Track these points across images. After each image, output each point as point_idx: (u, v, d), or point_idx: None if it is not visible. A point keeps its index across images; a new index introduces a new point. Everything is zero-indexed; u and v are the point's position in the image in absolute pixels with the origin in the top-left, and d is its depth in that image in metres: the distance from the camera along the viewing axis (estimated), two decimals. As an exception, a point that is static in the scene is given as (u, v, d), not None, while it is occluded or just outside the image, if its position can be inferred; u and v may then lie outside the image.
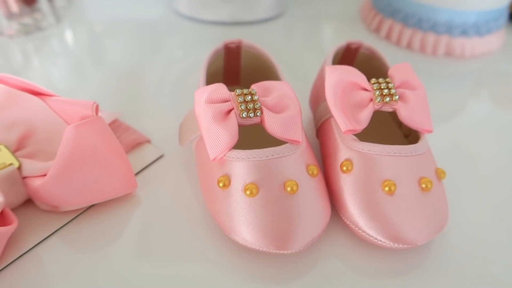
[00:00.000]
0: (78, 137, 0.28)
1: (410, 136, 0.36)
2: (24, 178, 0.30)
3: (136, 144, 0.38)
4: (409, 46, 0.55)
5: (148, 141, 0.39)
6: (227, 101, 0.30)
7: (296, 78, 0.49)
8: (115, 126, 0.39)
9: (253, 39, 0.56)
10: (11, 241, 0.29)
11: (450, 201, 0.33)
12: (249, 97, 0.29)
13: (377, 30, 0.58)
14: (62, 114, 0.31)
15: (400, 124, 0.37)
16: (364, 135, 0.34)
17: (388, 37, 0.57)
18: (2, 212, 0.28)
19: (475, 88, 0.50)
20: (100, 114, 0.35)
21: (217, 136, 0.29)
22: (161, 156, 0.37)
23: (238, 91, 0.30)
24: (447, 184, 0.34)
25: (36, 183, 0.29)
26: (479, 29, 0.52)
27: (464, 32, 0.52)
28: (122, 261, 0.29)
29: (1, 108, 0.32)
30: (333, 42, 0.59)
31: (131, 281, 0.28)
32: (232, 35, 0.57)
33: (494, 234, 0.32)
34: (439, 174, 0.31)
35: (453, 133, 0.43)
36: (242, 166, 0.28)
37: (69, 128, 0.28)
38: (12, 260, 0.29)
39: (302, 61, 0.54)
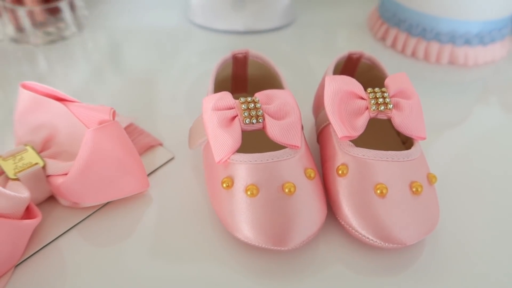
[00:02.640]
0: (96, 140, 0.31)
1: (407, 142, 0.38)
2: (48, 176, 0.33)
3: (149, 146, 0.41)
4: (413, 54, 0.57)
5: (160, 144, 0.41)
6: (232, 108, 0.32)
7: (305, 84, 0.51)
8: (130, 129, 0.42)
9: (264, 47, 0.59)
10: (34, 233, 0.32)
11: (448, 205, 0.35)
12: (252, 104, 0.32)
13: (383, 38, 0.60)
14: (82, 119, 0.34)
15: (398, 131, 0.39)
16: (364, 141, 0.36)
17: (393, 45, 0.58)
18: (28, 206, 0.31)
19: (478, 96, 0.52)
20: (116, 118, 0.38)
21: (222, 141, 0.31)
22: (172, 159, 0.40)
23: (242, 99, 0.32)
24: (447, 189, 0.36)
25: (58, 181, 0.32)
26: (482, 38, 0.54)
27: (468, 42, 0.54)
28: (134, 255, 0.32)
29: (28, 112, 0.35)
30: (342, 49, 0.60)
31: (142, 274, 0.31)
32: (244, 44, 0.60)
33: (485, 236, 0.34)
34: (431, 178, 0.32)
35: (456, 140, 0.44)
36: (244, 168, 0.31)
37: (88, 132, 0.30)
38: (35, 251, 0.32)
39: (311, 68, 0.56)
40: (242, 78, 0.43)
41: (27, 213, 0.31)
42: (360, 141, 0.36)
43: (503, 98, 0.51)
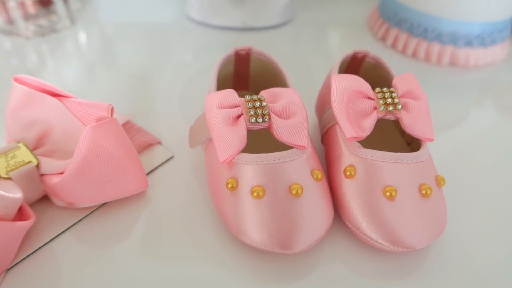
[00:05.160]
0: (94, 137, 0.29)
1: (412, 143, 0.37)
2: (41, 175, 0.31)
3: (147, 145, 0.39)
4: (414, 55, 0.56)
5: (159, 143, 0.40)
6: (237, 106, 0.31)
7: (303, 84, 0.50)
8: (128, 127, 0.41)
9: (262, 45, 0.57)
10: (27, 235, 0.31)
11: (451, 207, 0.35)
12: (258, 103, 0.31)
13: (383, 38, 0.60)
14: (78, 115, 0.32)
15: (403, 132, 0.39)
16: (368, 142, 0.35)
17: (394, 45, 0.58)
18: (20, 207, 0.30)
19: (478, 98, 0.51)
20: (114, 115, 0.36)
21: (227, 140, 0.30)
22: (171, 158, 0.39)
23: (248, 97, 0.31)
24: (449, 190, 0.35)
25: (53, 180, 0.31)
26: (483, 40, 0.54)
27: (469, 43, 0.53)
28: (130, 258, 0.31)
29: (21, 108, 0.33)
30: (340, 49, 0.60)
31: (139, 278, 0.29)
32: (241, 41, 0.59)
33: (493, 240, 0.33)
34: (439, 181, 0.32)
35: (456, 141, 0.44)
36: (249, 169, 0.30)
37: (86, 129, 0.29)
38: (28, 254, 0.30)
39: (309, 67, 0.55)
40: (244, 75, 0.42)
41: (20, 214, 0.30)
42: (364, 142, 0.35)
43: (503, 99, 0.51)
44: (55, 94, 0.34)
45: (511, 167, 0.41)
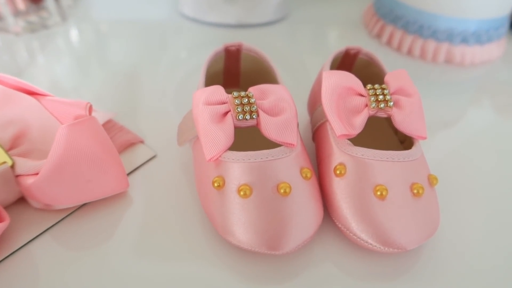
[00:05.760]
0: (70, 136, 0.28)
1: (405, 142, 0.36)
2: (17, 176, 0.30)
3: (129, 144, 0.38)
4: (409, 52, 0.56)
5: (141, 142, 0.39)
6: (224, 103, 0.30)
7: (298, 81, 0.50)
8: (109, 126, 0.39)
9: (256, 41, 0.57)
10: (2, 238, 0.30)
11: (445, 207, 0.34)
12: (246, 99, 0.30)
13: (378, 35, 0.59)
14: (56, 114, 0.31)
15: (396, 130, 0.38)
16: (360, 140, 0.35)
17: (389, 43, 0.57)
18: None
19: (474, 96, 0.51)
20: (94, 114, 0.35)
21: (213, 137, 0.29)
22: (154, 157, 0.38)
23: (235, 93, 0.30)
24: (444, 190, 0.35)
25: (28, 181, 0.29)
26: (479, 37, 0.53)
27: (465, 40, 0.53)
28: (113, 260, 0.30)
29: None
30: (335, 46, 0.59)
31: (122, 280, 0.29)
32: (236, 38, 0.58)
33: (485, 240, 0.33)
34: (432, 180, 0.31)
35: (451, 140, 0.43)
36: (236, 167, 0.29)
37: (61, 128, 0.28)
38: (3, 257, 0.29)
39: (304, 65, 0.54)
40: (234, 72, 0.41)
41: None
42: (356, 140, 0.35)
43: (498, 98, 0.50)
44: (32, 93, 0.33)
45: (506, 167, 0.40)
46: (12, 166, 0.30)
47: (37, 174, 0.29)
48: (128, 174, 0.36)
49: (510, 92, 0.52)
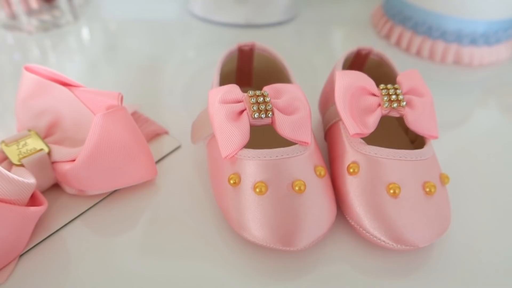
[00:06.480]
0: (105, 125, 0.29)
1: (416, 141, 0.37)
2: (53, 163, 0.32)
3: (154, 135, 0.39)
4: (418, 53, 0.56)
5: (166, 133, 0.40)
6: (240, 101, 0.31)
7: (306, 81, 0.50)
8: (135, 117, 0.41)
9: (265, 41, 0.57)
10: (39, 222, 0.31)
11: (454, 206, 0.34)
12: (261, 98, 0.30)
13: (387, 36, 0.59)
14: (88, 104, 0.32)
15: (406, 130, 0.38)
16: (371, 139, 0.35)
17: (398, 43, 0.58)
18: (32, 194, 0.30)
19: (482, 97, 0.51)
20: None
21: (229, 135, 0.30)
22: (178, 147, 0.39)
23: (251, 92, 0.31)
24: (453, 189, 0.35)
25: (65, 167, 0.31)
26: (488, 38, 0.53)
27: (473, 41, 0.53)
28: (136, 248, 0.31)
29: (31, 97, 0.34)
30: (344, 46, 0.60)
31: (144, 267, 0.30)
32: (244, 38, 0.58)
33: (496, 238, 0.33)
34: (443, 179, 0.32)
35: (460, 140, 0.43)
36: (252, 165, 0.29)
37: (97, 117, 0.29)
38: (40, 240, 0.30)
39: (312, 65, 0.55)
40: (247, 71, 0.42)
41: (32, 201, 0.30)
42: (368, 139, 0.35)
43: (507, 99, 0.51)
44: (64, 84, 0.34)
45: (514, 166, 0.41)
46: (49, 153, 0.31)
47: (72, 161, 0.31)
48: (156, 163, 0.37)
49: (518, 93, 0.52)
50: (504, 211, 0.36)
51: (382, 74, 0.40)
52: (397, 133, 0.39)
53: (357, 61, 0.41)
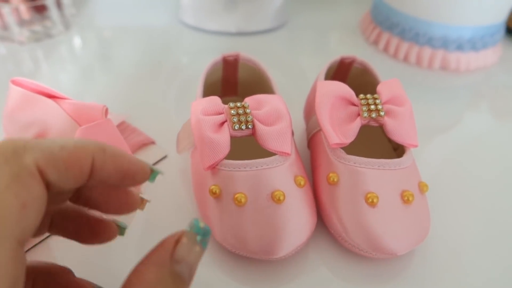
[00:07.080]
0: (88, 137, 0.30)
1: (398, 149, 0.37)
2: None
3: (141, 144, 0.40)
4: (406, 59, 0.56)
5: (153, 143, 0.41)
6: (221, 113, 0.31)
7: (296, 87, 0.51)
8: (123, 127, 0.42)
9: (256, 49, 0.58)
10: None
11: (439, 214, 0.35)
12: (242, 110, 0.31)
13: (375, 42, 0.60)
14: (74, 116, 0.33)
15: (390, 138, 0.39)
16: (355, 148, 0.36)
17: (386, 49, 0.58)
18: None
19: (470, 102, 0.52)
20: (109, 116, 0.37)
21: (210, 147, 0.30)
22: (164, 157, 0.40)
23: (232, 104, 0.31)
24: (438, 196, 0.35)
25: None
26: (474, 44, 0.54)
27: (460, 47, 0.54)
28: (120, 257, 0.31)
29: (18, 109, 0.34)
30: (334, 52, 0.60)
31: (126, 276, 0.30)
32: (235, 45, 0.59)
33: (477, 246, 0.34)
34: (422, 187, 0.32)
35: (447, 146, 0.44)
36: (232, 176, 0.30)
37: (80, 130, 0.30)
38: (26, 250, 0.31)
39: (303, 71, 0.55)
40: (232, 81, 0.42)
41: None
42: (351, 148, 0.36)
43: (494, 103, 0.51)
44: (51, 96, 0.34)
45: (500, 173, 0.41)
46: None
47: None
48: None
49: (504, 97, 0.52)
50: (488, 219, 0.36)
51: (366, 83, 0.41)
52: (381, 141, 0.39)
53: (341, 70, 0.41)
